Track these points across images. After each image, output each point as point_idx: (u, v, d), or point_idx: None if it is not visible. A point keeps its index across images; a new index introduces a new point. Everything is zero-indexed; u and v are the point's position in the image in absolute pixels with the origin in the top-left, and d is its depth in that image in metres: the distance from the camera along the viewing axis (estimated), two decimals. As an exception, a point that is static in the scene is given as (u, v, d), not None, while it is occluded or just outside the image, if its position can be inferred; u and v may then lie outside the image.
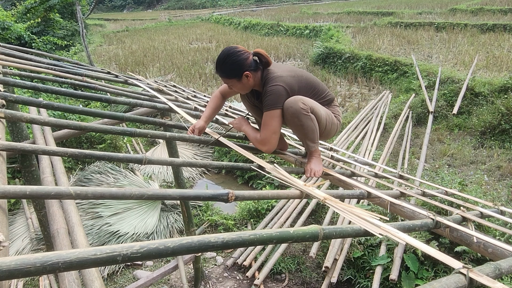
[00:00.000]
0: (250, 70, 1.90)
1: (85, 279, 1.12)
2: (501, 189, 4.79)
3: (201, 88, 10.48)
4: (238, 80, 1.92)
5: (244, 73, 1.89)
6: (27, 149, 1.39)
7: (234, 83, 1.94)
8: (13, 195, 0.95)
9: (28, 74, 2.50)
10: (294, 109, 1.83)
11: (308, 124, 1.87)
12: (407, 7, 23.08)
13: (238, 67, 1.88)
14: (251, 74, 1.91)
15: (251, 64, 1.91)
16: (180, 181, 3.46)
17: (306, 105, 1.84)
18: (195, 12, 41.67)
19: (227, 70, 1.90)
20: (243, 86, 1.96)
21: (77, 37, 14.93)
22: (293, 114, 1.84)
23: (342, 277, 3.54)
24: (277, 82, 1.90)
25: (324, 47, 12.30)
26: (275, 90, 1.88)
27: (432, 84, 7.84)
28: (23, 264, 0.59)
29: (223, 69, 1.91)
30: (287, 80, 1.93)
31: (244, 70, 1.89)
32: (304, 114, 1.84)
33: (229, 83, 1.96)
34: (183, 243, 0.74)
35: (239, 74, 1.89)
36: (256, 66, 1.94)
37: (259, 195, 1.35)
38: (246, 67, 1.89)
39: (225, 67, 1.90)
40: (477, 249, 1.30)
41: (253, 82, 1.95)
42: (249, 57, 1.91)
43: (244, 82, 1.93)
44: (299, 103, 1.83)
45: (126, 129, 1.86)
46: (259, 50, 1.95)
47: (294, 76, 1.97)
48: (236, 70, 1.89)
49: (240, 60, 1.88)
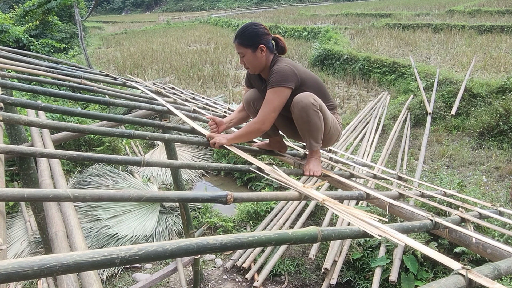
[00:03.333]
0: (266, 46, 1.95)
1: (84, 282, 1.12)
2: (499, 190, 4.80)
3: (199, 90, 10.48)
4: (252, 51, 1.94)
5: (260, 45, 1.93)
6: (25, 152, 1.39)
7: (248, 54, 1.96)
8: (10, 198, 0.95)
9: (26, 77, 2.50)
10: (305, 103, 1.84)
11: (315, 121, 1.88)
12: (405, 9, 23.19)
13: (256, 37, 1.93)
14: (266, 50, 1.95)
15: (269, 41, 1.97)
16: (179, 183, 3.46)
17: (316, 102, 1.86)
18: (194, 14, 41.77)
19: (246, 38, 1.94)
20: (255, 60, 1.97)
21: (75, 40, 14.94)
22: (303, 108, 1.85)
23: (341, 279, 3.54)
24: (285, 63, 1.94)
25: (323, 49, 12.33)
26: (282, 68, 1.91)
27: (430, 86, 7.86)
28: (21, 267, 0.59)
29: (242, 36, 1.95)
30: (296, 65, 1.98)
31: (261, 43, 1.93)
32: (314, 111, 1.85)
33: (243, 52, 1.97)
34: (181, 245, 0.74)
35: (256, 45, 1.93)
36: (272, 48, 2.00)
37: (258, 196, 1.34)
38: (264, 41, 1.94)
39: (244, 35, 1.94)
40: (476, 250, 1.30)
41: (265, 60, 1.98)
42: (269, 35, 1.98)
43: (258, 55, 1.95)
44: (310, 98, 1.85)
45: (124, 131, 1.85)
46: (278, 36, 2.03)
47: (304, 69, 2.02)
48: (254, 40, 1.93)
49: (260, 32, 1.94)
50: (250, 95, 2.15)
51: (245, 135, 2.01)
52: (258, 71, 2.04)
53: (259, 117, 1.93)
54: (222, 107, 3.61)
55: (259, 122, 1.93)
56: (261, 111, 1.93)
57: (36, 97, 6.83)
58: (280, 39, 2.02)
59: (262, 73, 2.05)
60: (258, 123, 1.94)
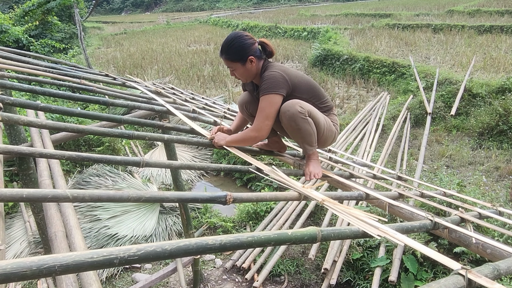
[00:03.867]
0: (255, 56, 1.91)
1: (83, 283, 1.12)
2: (499, 190, 4.80)
3: (199, 90, 10.48)
4: (242, 65, 1.91)
5: (249, 57, 1.89)
6: (24, 152, 1.39)
7: (238, 68, 1.93)
8: (9, 198, 0.95)
9: (25, 77, 2.50)
10: (292, 112, 1.81)
11: (305, 127, 1.86)
12: (405, 9, 23.21)
13: (243, 51, 1.88)
14: (255, 60, 1.91)
15: (256, 50, 1.92)
16: (179, 183, 3.45)
17: (303, 109, 1.83)
18: (193, 15, 41.77)
19: (233, 53, 1.89)
20: (246, 72, 1.94)
21: (75, 40, 14.95)
22: (290, 118, 1.82)
23: (341, 279, 3.54)
24: (276, 70, 1.91)
25: (322, 49, 12.33)
26: (272, 75, 1.88)
27: (430, 86, 7.86)
28: (19, 267, 0.59)
29: (228, 52, 1.90)
30: (286, 70, 1.94)
31: (250, 54, 1.89)
32: (302, 118, 1.83)
33: (233, 67, 1.94)
34: (180, 246, 0.74)
35: (244, 58, 1.89)
36: (260, 55, 1.95)
37: (257, 197, 1.34)
38: (252, 52, 1.90)
39: (231, 50, 1.89)
40: (476, 250, 1.30)
41: (255, 69, 1.94)
42: (255, 44, 1.93)
43: (248, 67, 1.92)
44: (297, 106, 1.81)
45: (124, 131, 1.85)
46: (264, 40, 1.97)
47: (295, 72, 1.98)
48: (242, 54, 1.89)
49: (247, 44, 1.88)
50: (243, 98, 2.15)
51: (242, 142, 2.01)
52: (250, 80, 2.03)
53: (254, 126, 1.93)
54: (222, 107, 3.61)
55: (255, 130, 1.93)
56: (256, 119, 1.93)
57: (35, 97, 6.82)
58: (267, 44, 1.97)
59: (254, 79, 2.04)
60: (254, 131, 1.93)
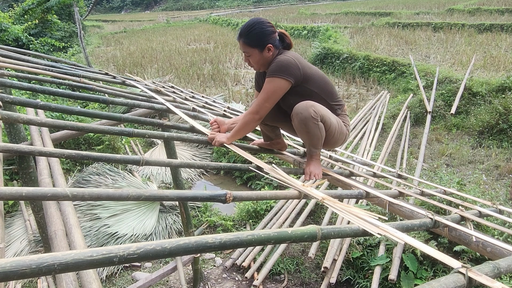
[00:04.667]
0: (273, 45, 1.88)
1: (83, 281, 1.12)
2: (499, 189, 4.80)
3: (199, 89, 10.47)
4: (260, 51, 1.87)
5: (267, 45, 1.85)
6: (24, 151, 1.39)
7: (255, 54, 1.89)
8: (9, 197, 0.95)
9: (25, 76, 2.49)
10: (304, 116, 1.78)
11: (315, 132, 1.84)
12: (405, 8, 23.17)
13: (264, 37, 1.85)
14: (273, 49, 1.88)
15: (276, 40, 1.89)
16: (179, 182, 3.45)
17: (316, 113, 1.80)
18: (193, 13, 41.73)
19: (252, 38, 1.85)
20: (262, 60, 1.90)
21: (75, 39, 14.93)
22: (302, 121, 1.80)
23: (341, 278, 3.54)
24: (289, 55, 1.87)
25: (322, 48, 12.32)
26: (284, 59, 1.84)
27: (430, 84, 7.85)
28: (19, 266, 0.59)
29: (248, 36, 1.85)
30: (300, 59, 1.90)
31: (269, 42, 1.86)
32: (314, 123, 1.80)
33: (249, 52, 1.89)
34: (180, 244, 0.74)
35: (263, 45, 1.85)
36: (278, 44, 1.92)
37: (257, 195, 1.34)
38: (271, 40, 1.86)
39: (250, 34, 1.84)
40: (476, 248, 1.30)
41: (271, 59, 1.90)
42: (276, 33, 1.90)
43: (265, 55, 1.89)
44: (310, 110, 1.78)
45: (124, 129, 1.85)
46: (283, 31, 1.94)
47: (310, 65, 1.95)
48: (261, 40, 1.85)
49: (268, 31, 1.85)
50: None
51: (242, 128, 1.96)
52: (263, 69, 1.98)
53: (253, 106, 1.89)
54: (222, 106, 3.61)
55: (253, 111, 1.90)
56: (256, 99, 1.89)
57: (35, 96, 6.83)
58: (286, 35, 1.94)
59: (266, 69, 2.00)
60: (252, 112, 1.90)
